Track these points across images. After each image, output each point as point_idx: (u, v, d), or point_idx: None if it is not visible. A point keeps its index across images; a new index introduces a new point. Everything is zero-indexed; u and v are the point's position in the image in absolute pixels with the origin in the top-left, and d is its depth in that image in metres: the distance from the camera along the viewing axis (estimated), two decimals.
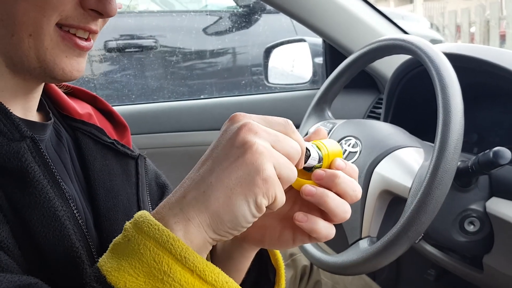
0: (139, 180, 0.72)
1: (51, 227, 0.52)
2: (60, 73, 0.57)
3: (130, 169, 0.72)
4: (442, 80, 0.78)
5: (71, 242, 0.53)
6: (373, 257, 0.79)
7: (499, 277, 0.88)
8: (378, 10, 1.41)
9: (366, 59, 1.01)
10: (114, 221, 0.65)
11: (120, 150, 0.71)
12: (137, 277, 0.44)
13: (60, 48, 0.56)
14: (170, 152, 1.49)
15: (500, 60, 0.95)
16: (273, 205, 0.48)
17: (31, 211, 0.52)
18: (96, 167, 0.67)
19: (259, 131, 0.47)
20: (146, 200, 0.72)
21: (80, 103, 0.74)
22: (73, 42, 0.56)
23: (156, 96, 2.92)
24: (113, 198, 0.66)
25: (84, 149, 0.67)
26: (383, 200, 0.87)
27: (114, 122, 0.77)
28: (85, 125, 0.69)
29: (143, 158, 0.75)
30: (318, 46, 1.64)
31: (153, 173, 0.80)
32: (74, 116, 0.69)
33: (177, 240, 0.44)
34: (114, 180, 0.68)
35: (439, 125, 0.76)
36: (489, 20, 7.60)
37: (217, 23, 3.15)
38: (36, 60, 0.55)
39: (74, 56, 0.57)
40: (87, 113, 0.71)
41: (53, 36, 0.55)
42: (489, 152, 0.78)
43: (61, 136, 0.66)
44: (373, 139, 0.93)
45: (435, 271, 1.25)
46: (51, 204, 0.53)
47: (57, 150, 0.64)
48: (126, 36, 2.98)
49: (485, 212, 0.85)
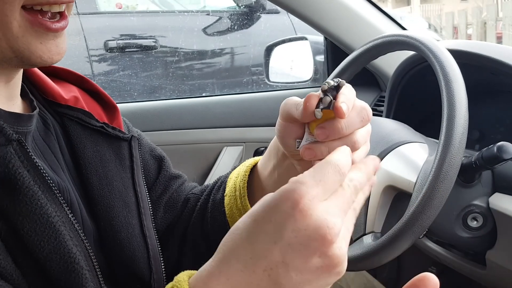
0: (133, 163, 0.70)
1: (45, 235, 0.51)
2: (38, 61, 0.52)
3: (123, 152, 0.69)
4: (446, 75, 0.78)
5: (68, 249, 0.52)
6: (377, 252, 0.79)
7: (502, 273, 0.88)
8: (379, 7, 1.41)
9: (369, 56, 1.01)
10: (110, 208, 0.64)
11: (111, 134, 0.68)
12: None
13: (31, 35, 0.51)
14: (172, 150, 1.49)
15: (501, 56, 0.95)
16: None
17: (22, 219, 0.50)
18: (86, 155, 0.64)
19: (334, 236, 0.40)
20: (142, 183, 0.71)
21: (65, 85, 0.70)
22: (44, 26, 0.51)
23: (157, 94, 2.92)
24: (107, 185, 0.64)
25: (72, 136, 0.64)
26: (387, 196, 0.87)
27: (103, 103, 0.73)
28: (72, 110, 0.65)
29: (136, 139, 0.72)
30: (319, 44, 1.64)
31: (147, 148, 0.78)
32: (59, 102, 0.65)
33: None
34: (107, 166, 0.66)
35: (443, 119, 0.76)
36: (486, 22, 7.63)
37: (217, 23, 3.15)
38: (10, 50, 0.51)
39: (49, 40, 0.52)
40: (73, 97, 0.67)
41: (21, 22, 0.50)
42: (493, 147, 0.78)
43: (48, 124, 0.63)
44: (377, 135, 0.93)
45: (436, 269, 1.25)
46: (43, 211, 0.51)
47: (46, 139, 0.61)
48: (126, 36, 2.99)
49: (488, 208, 0.85)
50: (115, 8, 3.42)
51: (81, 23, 2.87)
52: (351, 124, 0.52)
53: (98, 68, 2.92)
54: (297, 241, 0.39)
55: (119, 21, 3.15)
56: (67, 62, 0.90)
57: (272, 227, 0.40)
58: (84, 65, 2.85)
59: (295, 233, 0.39)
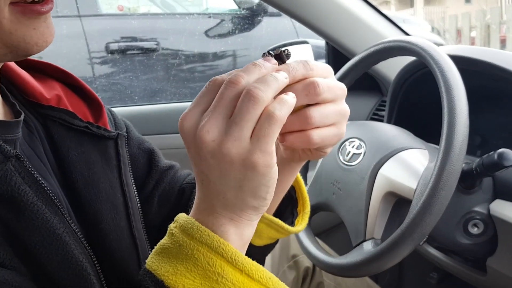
0: (120, 162, 0.68)
1: (53, 248, 0.52)
2: (35, 48, 0.52)
3: (110, 151, 0.67)
4: (447, 82, 0.78)
5: (75, 258, 0.53)
6: (377, 259, 0.79)
7: (502, 280, 0.88)
8: (381, 12, 1.41)
9: (370, 61, 1.01)
10: (98, 212, 0.63)
11: (96, 133, 0.66)
12: (194, 280, 0.46)
13: (25, 24, 0.51)
14: (173, 154, 1.49)
15: (503, 62, 0.95)
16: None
17: (29, 234, 0.51)
18: (71, 158, 0.62)
19: (203, 135, 0.46)
20: (130, 183, 0.70)
21: (47, 82, 0.68)
22: (36, 11, 0.51)
23: (158, 97, 2.92)
24: (93, 188, 0.63)
25: (56, 139, 0.62)
26: (388, 202, 0.87)
27: (88, 100, 0.70)
28: (55, 111, 0.63)
29: (122, 136, 0.70)
30: (320, 48, 1.64)
31: (136, 142, 0.76)
32: (41, 102, 0.63)
33: (227, 245, 0.47)
34: (92, 169, 0.64)
35: (444, 126, 0.75)
36: (490, 25, 7.62)
37: (219, 25, 3.15)
38: (3, 47, 0.51)
39: (41, 23, 0.52)
40: (55, 96, 0.65)
41: (13, 18, 0.50)
42: (494, 153, 0.78)
43: (31, 126, 0.61)
44: (378, 140, 0.93)
45: (437, 274, 1.25)
46: (49, 224, 0.52)
47: (30, 144, 0.60)
48: (127, 38, 2.99)
49: (489, 215, 0.85)
50: (116, 11, 3.42)
51: (83, 26, 2.87)
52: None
53: (99, 71, 2.93)
54: (192, 157, 0.48)
55: (121, 23, 3.15)
56: (68, 65, 0.89)
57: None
58: (85, 67, 2.85)
59: (190, 153, 0.48)
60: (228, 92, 0.46)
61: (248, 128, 0.45)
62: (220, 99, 0.46)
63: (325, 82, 0.51)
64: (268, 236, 0.73)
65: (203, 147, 0.45)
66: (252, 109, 0.44)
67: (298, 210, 0.77)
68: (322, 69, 0.52)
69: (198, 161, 0.47)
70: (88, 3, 3.01)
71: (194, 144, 0.47)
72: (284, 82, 0.48)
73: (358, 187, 0.90)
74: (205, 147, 0.45)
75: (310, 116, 0.51)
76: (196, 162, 0.48)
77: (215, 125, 0.45)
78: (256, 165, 0.45)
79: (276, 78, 0.47)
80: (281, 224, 0.71)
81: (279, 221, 0.71)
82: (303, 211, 0.76)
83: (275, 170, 0.47)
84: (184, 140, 0.48)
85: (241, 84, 0.46)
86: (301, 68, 0.50)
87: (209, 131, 0.45)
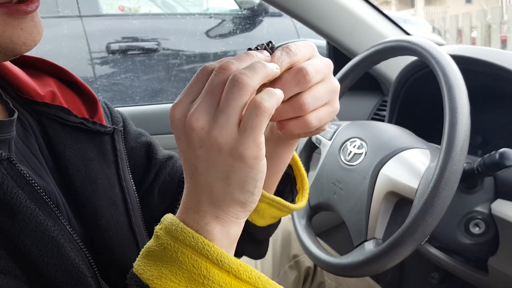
0: (117, 157, 0.67)
1: (48, 250, 0.51)
2: (23, 48, 0.52)
3: (106, 146, 0.66)
4: (448, 81, 0.78)
5: (71, 260, 0.52)
6: (378, 259, 0.79)
7: (504, 280, 0.88)
8: (382, 12, 1.41)
9: (371, 61, 1.01)
10: (96, 209, 0.62)
11: (92, 129, 0.65)
12: (179, 283, 0.46)
13: (11, 25, 0.50)
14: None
15: (504, 61, 0.95)
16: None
17: (23, 237, 0.50)
18: (67, 154, 0.62)
19: (193, 123, 0.45)
20: (128, 178, 0.69)
21: (41, 78, 0.67)
22: (22, 11, 0.51)
23: (159, 98, 2.92)
24: (91, 184, 0.63)
25: (51, 136, 0.62)
26: (389, 202, 0.87)
27: (83, 95, 0.69)
28: (49, 108, 0.63)
29: (118, 131, 0.69)
30: (321, 48, 1.64)
31: (133, 135, 0.75)
32: (35, 99, 0.63)
33: (212, 246, 0.46)
34: (89, 165, 0.63)
35: (445, 126, 0.75)
36: (491, 25, 7.62)
37: (220, 25, 3.15)
38: None
39: (28, 22, 0.52)
40: (50, 92, 0.64)
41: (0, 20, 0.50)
42: (495, 153, 0.78)
43: (25, 124, 0.61)
44: (379, 140, 0.93)
45: (438, 274, 1.25)
46: (43, 227, 0.51)
47: (25, 142, 0.59)
48: (128, 38, 2.99)
49: (490, 214, 0.85)
50: (117, 11, 3.42)
51: (84, 26, 2.87)
52: (284, 87, 0.50)
53: (100, 71, 2.93)
54: (181, 150, 0.47)
55: (122, 23, 3.15)
56: (69, 65, 0.88)
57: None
58: (86, 67, 2.85)
59: (180, 145, 0.47)
60: (218, 79, 0.45)
61: (234, 115, 0.44)
62: (210, 86, 0.46)
63: (313, 67, 0.51)
64: (270, 215, 0.73)
65: (193, 134, 0.45)
66: (238, 95, 0.44)
67: (298, 187, 0.77)
68: (304, 50, 0.51)
69: (188, 153, 0.46)
70: (89, 4, 3.02)
71: (184, 134, 0.46)
72: (274, 72, 0.47)
73: (359, 187, 0.90)
74: (195, 135, 0.45)
75: (303, 103, 0.51)
76: (186, 155, 0.47)
77: (204, 112, 0.45)
78: (243, 156, 0.44)
79: (264, 65, 0.46)
80: (282, 202, 0.71)
81: (281, 199, 0.71)
82: (303, 188, 0.76)
83: (264, 163, 0.46)
84: (174, 130, 0.47)
85: (231, 71, 0.45)
86: (286, 57, 0.50)
87: (199, 118, 0.44)
